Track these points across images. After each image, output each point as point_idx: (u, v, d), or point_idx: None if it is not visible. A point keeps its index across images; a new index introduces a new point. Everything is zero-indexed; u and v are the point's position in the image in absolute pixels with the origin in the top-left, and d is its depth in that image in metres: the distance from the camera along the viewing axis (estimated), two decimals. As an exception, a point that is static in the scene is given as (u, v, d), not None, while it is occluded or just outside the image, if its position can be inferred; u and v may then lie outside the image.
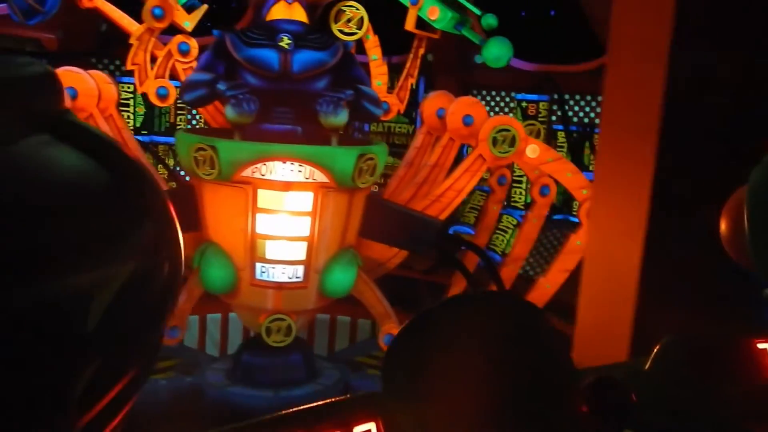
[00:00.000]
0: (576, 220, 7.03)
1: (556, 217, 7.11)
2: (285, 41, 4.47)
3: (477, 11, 4.85)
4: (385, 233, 4.58)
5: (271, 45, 4.47)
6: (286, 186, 4.09)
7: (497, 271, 4.65)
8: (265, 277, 4.29)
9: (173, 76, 4.93)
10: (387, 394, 0.96)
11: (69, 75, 4.38)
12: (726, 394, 1.15)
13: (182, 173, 6.26)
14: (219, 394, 4.50)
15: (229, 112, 4.18)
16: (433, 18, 4.97)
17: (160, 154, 6.53)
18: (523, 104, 7.30)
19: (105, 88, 4.60)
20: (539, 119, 6.91)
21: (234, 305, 4.58)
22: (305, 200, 4.15)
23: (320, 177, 4.11)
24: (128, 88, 7.31)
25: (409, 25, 5.09)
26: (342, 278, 4.40)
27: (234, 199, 4.13)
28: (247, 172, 4.04)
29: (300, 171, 4.07)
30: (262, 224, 4.16)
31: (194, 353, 5.21)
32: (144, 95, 5.16)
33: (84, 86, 4.37)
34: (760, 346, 1.20)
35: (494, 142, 4.72)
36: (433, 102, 5.13)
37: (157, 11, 4.70)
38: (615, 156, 3.01)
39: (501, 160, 4.79)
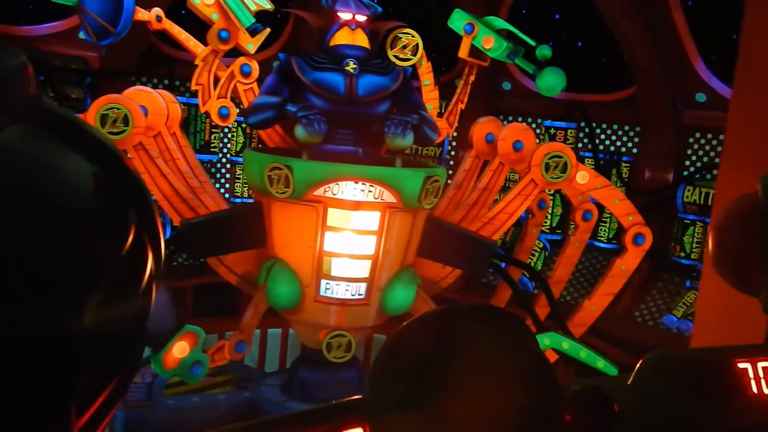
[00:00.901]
0: (600, 245, 7.23)
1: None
2: (351, 66, 4.63)
3: (532, 42, 5.05)
4: (443, 253, 4.71)
5: (337, 69, 4.63)
6: (356, 205, 4.22)
7: (551, 292, 4.79)
8: (329, 294, 4.40)
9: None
10: (374, 399, 0.97)
11: (140, 94, 4.50)
12: (705, 413, 1.15)
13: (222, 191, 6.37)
14: (276, 410, 4.58)
15: (300, 132, 4.31)
16: (487, 47, 5.16)
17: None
18: (551, 131, 7.51)
19: (171, 108, 4.72)
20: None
21: (295, 321, 4.68)
22: (373, 219, 4.28)
23: (388, 197, 4.25)
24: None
25: (463, 52, 5.28)
26: (403, 296, 4.52)
27: (304, 217, 4.26)
28: (319, 191, 4.17)
29: (370, 191, 4.21)
30: (330, 242, 4.29)
31: (246, 368, 5.28)
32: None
33: (155, 105, 4.49)
34: (741, 365, 1.19)
35: (546, 167, 4.89)
36: (482, 127, 5.31)
37: (224, 34, 4.84)
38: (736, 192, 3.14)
39: (552, 184, 4.96)
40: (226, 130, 7.76)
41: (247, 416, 4.57)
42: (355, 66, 4.63)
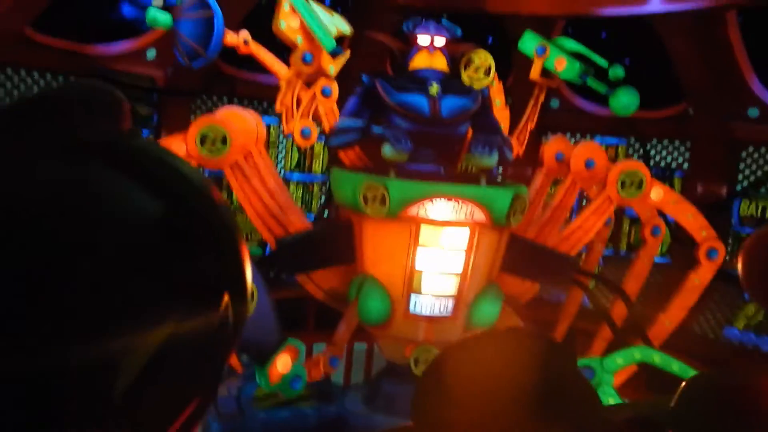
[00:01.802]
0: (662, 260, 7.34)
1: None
2: (434, 88, 4.78)
3: (604, 63, 5.19)
4: (527, 268, 4.84)
5: (421, 91, 4.78)
6: (447, 223, 4.36)
7: (636, 311, 4.90)
8: (418, 310, 4.53)
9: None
10: (418, 427, 0.98)
11: (233, 114, 4.66)
12: None
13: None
14: (362, 422, 4.70)
15: (388, 150, 4.45)
16: (559, 69, 5.31)
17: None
18: (603, 147, 7.64)
19: (260, 128, 4.88)
20: (618, 162, 7.23)
21: (382, 336, 4.81)
22: (463, 237, 4.42)
23: (478, 215, 4.39)
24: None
25: (534, 74, 5.43)
26: (490, 311, 4.65)
27: (397, 235, 4.39)
28: (412, 210, 4.31)
29: (462, 209, 4.34)
30: (422, 259, 4.42)
31: (327, 382, 5.40)
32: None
33: (246, 125, 4.64)
34: None
35: (622, 184, 5.02)
36: (552, 146, 5.44)
37: (308, 57, 5.00)
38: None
39: (627, 201, 5.08)
40: (280, 147, 7.93)
41: (336, 429, 4.70)
42: (438, 88, 4.78)
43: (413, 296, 4.51)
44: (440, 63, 4.94)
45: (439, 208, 4.33)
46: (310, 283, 4.74)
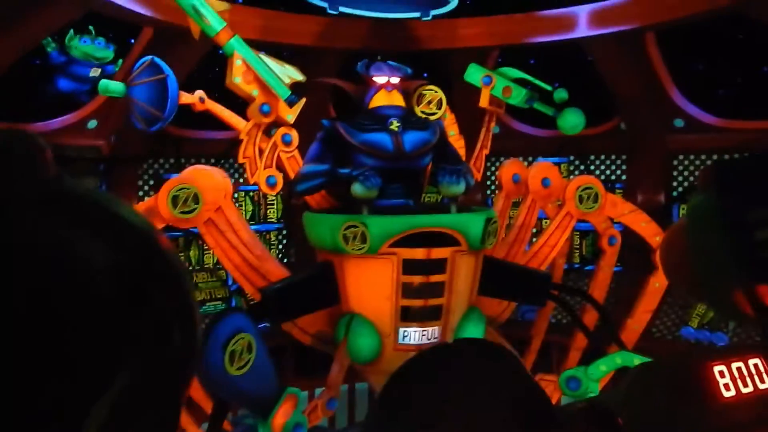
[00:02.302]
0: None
1: (588, 267, 7.73)
2: (395, 125, 4.95)
3: (548, 87, 5.50)
4: (503, 289, 4.99)
5: (382, 129, 4.94)
6: (427, 253, 4.47)
7: (610, 318, 5.11)
8: (407, 341, 4.60)
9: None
10: None
11: (199, 172, 4.67)
12: (689, 417, 1.18)
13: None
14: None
15: (358, 188, 4.55)
16: (507, 95, 5.59)
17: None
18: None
19: (225, 182, 4.90)
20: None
21: (372, 372, 4.83)
22: (443, 265, 4.54)
23: (454, 242, 4.52)
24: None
25: (483, 102, 5.68)
26: (474, 333, 4.76)
27: (380, 270, 4.47)
28: (392, 244, 4.41)
29: (438, 238, 4.48)
30: (406, 291, 4.51)
31: (318, 427, 5.35)
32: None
33: (213, 181, 4.65)
34: (716, 369, 1.22)
35: (580, 199, 5.28)
36: (509, 169, 5.68)
37: (266, 108, 5.08)
38: None
39: (586, 214, 5.34)
40: (236, 196, 7.91)
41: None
42: (398, 124, 4.95)
43: (401, 329, 4.58)
44: (398, 100, 5.12)
45: (416, 239, 4.44)
46: (296, 328, 4.74)
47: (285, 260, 8.26)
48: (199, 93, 5.10)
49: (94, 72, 6.74)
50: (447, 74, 7.58)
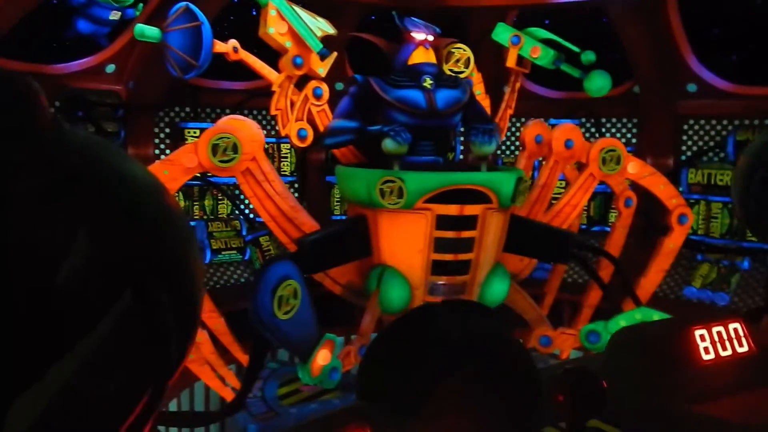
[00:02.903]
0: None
1: (594, 228, 7.91)
2: (428, 82, 5.01)
3: (576, 49, 5.56)
4: (527, 246, 5.14)
5: (416, 86, 4.99)
6: (460, 209, 4.60)
7: (629, 277, 5.29)
8: (435, 294, 4.75)
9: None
10: (372, 403, 1.03)
11: (238, 122, 4.71)
12: (669, 379, 1.22)
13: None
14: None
15: (389, 143, 4.63)
16: (534, 56, 5.65)
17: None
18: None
19: (260, 134, 4.95)
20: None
21: (401, 323, 4.99)
22: (474, 221, 4.67)
23: (487, 200, 4.65)
24: (194, 133, 7.60)
25: (510, 62, 5.75)
26: (500, 289, 4.93)
27: (414, 225, 4.59)
28: (427, 200, 4.52)
29: (470, 195, 4.59)
30: (438, 245, 4.64)
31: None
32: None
33: (251, 133, 4.70)
34: (698, 332, 1.26)
35: (603, 161, 5.41)
36: (531, 130, 5.78)
37: (298, 60, 5.11)
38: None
39: (608, 176, 5.48)
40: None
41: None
42: (431, 82, 5.01)
43: (431, 282, 4.73)
44: (433, 58, 5.17)
45: (448, 196, 4.55)
46: (328, 279, 4.87)
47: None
48: (233, 42, 5.10)
49: (114, 15, 6.67)
50: (465, 33, 7.58)
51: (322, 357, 4.17)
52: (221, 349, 5.01)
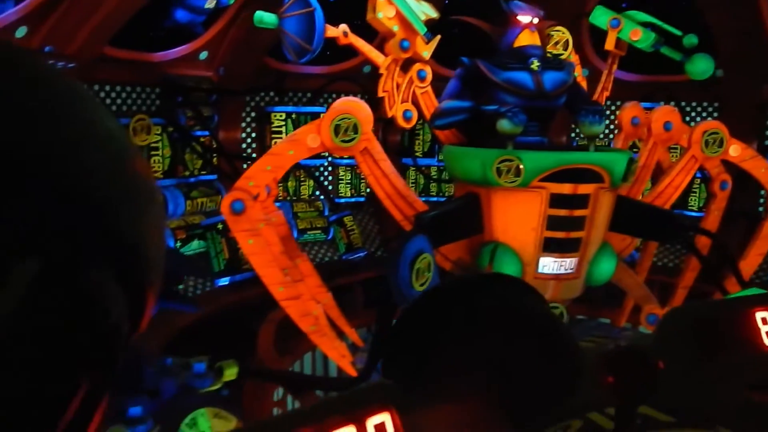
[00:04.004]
0: (691, 214, 7.86)
1: (674, 212, 7.92)
2: (535, 64, 5.11)
3: (677, 32, 5.60)
4: (633, 225, 5.22)
5: (524, 68, 5.10)
6: (574, 188, 4.70)
7: (733, 258, 5.35)
8: (545, 271, 4.87)
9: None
10: (397, 382, 0.95)
11: (356, 104, 4.86)
12: (725, 363, 1.14)
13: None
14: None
15: (506, 124, 4.74)
16: (635, 39, 5.70)
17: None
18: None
19: (372, 115, 5.09)
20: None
21: (509, 299, 5.12)
22: (587, 200, 4.77)
23: (600, 179, 4.74)
24: (279, 116, 7.79)
25: (609, 45, 5.81)
26: (608, 267, 5.03)
27: (528, 203, 4.71)
28: (543, 178, 4.63)
29: (582, 174, 4.69)
30: (551, 223, 4.75)
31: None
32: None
33: (367, 114, 4.85)
34: (759, 315, 1.17)
35: (706, 143, 5.45)
36: (629, 111, 5.84)
37: (405, 43, 5.24)
38: None
39: (710, 159, 5.52)
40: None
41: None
42: (538, 64, 5.10)
43: (542, 258, 4.84)
44: (538, 40, 5.26)
45: (565, 175, 4.66)
46: (439, 255, 5.01)
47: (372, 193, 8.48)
48: (343, 27, 5.25)
49: (210, 3, 6.88)
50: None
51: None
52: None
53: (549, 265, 4.87)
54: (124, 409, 2.70)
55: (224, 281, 6.64)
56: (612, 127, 8.39)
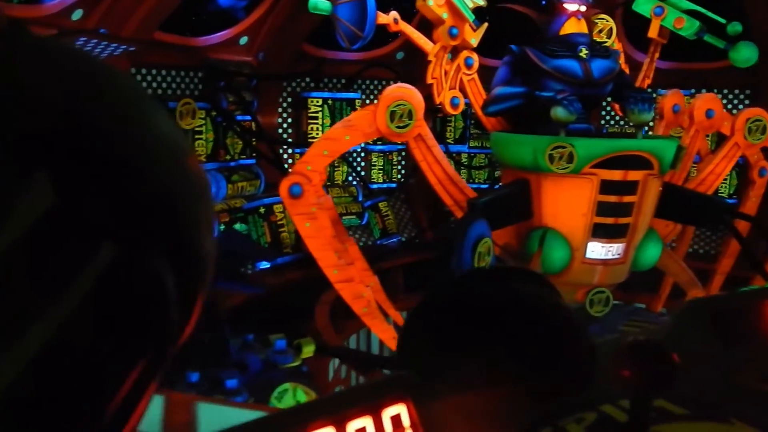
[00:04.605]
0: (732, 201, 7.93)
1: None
2: (584, 52, 5.18)
3: (721, 20, 5.65)
4: (678, 212, 5.32)
5: (572, 56, 5.17)
6: (624, 174, 4.79)
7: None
8: (593, 256, 4.97)
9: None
10: (413, 373, 0.96)
11: (406, 91, 4.94)
12: (744, 358, 1.12)
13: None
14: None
15: (561, 112, 4.82)
16: (679, 27, 5.76)
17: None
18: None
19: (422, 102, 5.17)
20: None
21: (557, 283, 5.20)
22: (636, 186, 4.86)
23: (648, 166, 4.83)
24: (316, 102, 7.87)
25: (653, 33, 5.87)
26: (653, 253, 5.13)
27: (579, 189, 4.81)
28: (595, 165, 4.72)
29: (635, 161, 4.78)
30: (600, 209, 4.85)
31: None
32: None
33: (419, 100, 4.94)
34: None
35: (749, 131, 5.53)
36: (670, 99, 5.91)
37: (454, 31, 5.32)
38: None
39: (753, 146, 5.60)
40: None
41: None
42: (587, 51, 5.17)
43: (590, 244, 4.94)
44: (585, 28, 5.33)
45: (617, 161, 4.74)
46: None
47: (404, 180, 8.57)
48: (394, 14, 5.33)
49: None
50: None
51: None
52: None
53: (597, 250, 4.97)
54: (221, 381, 2.83)
55: (265, 265, 6.75)
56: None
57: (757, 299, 1.20)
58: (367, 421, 0.91)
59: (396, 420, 0.92)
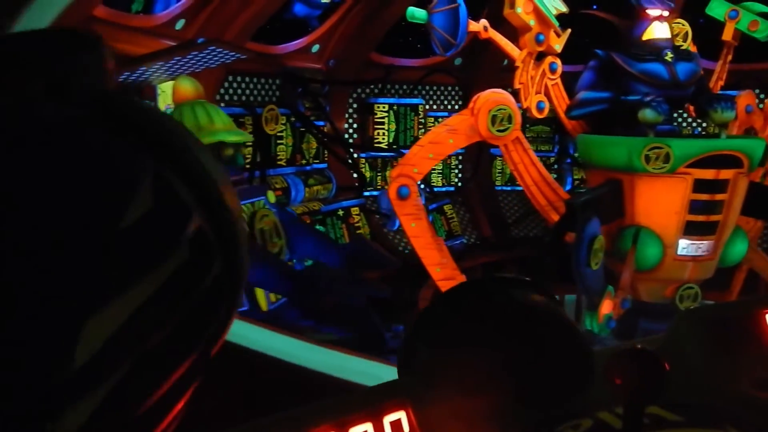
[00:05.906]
0: None
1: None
2: (669, 55, 5.38)
3: (796, 23, 5.85)
4: (761, 209, 5.50)
5: (658, 59, 5.37)
6: (716, 173, 4.98)
7: None
8: (685, 253, 5.16)
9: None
10: (414, 379, 0.97)
11: (504, 96, 5.14)
12: (738, 366, 1.12)
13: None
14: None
15: (649, 114, 5.02)
16: (753, 29, 5.96)
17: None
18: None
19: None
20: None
21: (647, 280, 5.40)
22: (726, 185, 5.05)
23: (739, 164, 5.02)
24: (383, 108, 8.07)
25: (727, 35, 6.06)
26: (741, 249, 5.32)
27: (673, 188, 5.00)
28: (689, 164, 4.92)
29: (726, 160, 4.97)
30: (692, 207, 5.04)
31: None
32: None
33: (515, 108, 5.14)
34: None
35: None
36: (743, 100, 6.10)
37: (540, 37, 5.52)
38: None
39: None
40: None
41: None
42: (672, 55, 5.37)
43: (681, 241, 5.13)
44: (668, 32, 5.53)
45: (709, 161, 4.94)
46: (579, 239, 5.31)
47: (462, 184, 8.76)
48: (484, 22, 5.54)
49: (323, -1, 7.18)
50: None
51: (606, 306, 4.64)
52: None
53: (688, 247, 5.16)
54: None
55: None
56: (685, 115, 8.62)
57: (752, 308, 1.21)
58: (367, 427, 0.92)
59: (396, 425, 0.93)
